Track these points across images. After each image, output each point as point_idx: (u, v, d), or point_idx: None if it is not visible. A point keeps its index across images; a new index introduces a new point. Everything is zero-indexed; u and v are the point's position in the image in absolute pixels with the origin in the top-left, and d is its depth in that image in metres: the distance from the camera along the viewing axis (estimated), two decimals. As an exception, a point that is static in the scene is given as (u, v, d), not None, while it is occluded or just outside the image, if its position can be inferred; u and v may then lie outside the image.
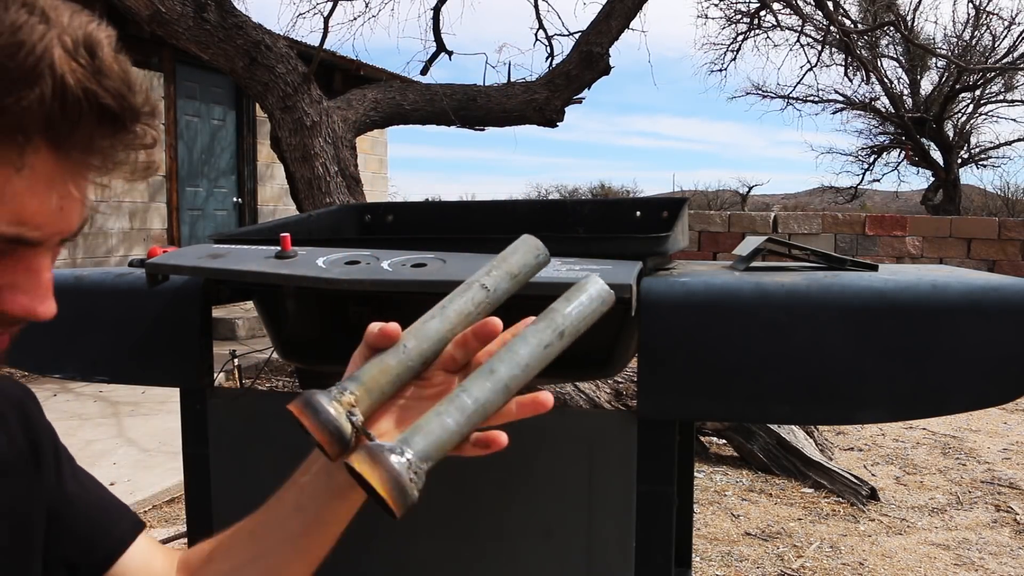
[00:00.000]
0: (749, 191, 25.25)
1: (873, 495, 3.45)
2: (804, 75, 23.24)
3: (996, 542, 3.05)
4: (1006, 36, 14.44)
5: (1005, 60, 14.60)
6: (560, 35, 6.41)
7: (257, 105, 4.96)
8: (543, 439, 1.06)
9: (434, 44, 6.11)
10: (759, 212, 8.85)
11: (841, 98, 15.92)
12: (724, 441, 3.99)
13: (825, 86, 19.17)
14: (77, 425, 4.19)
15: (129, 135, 0.51)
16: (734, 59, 12.86)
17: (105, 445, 3.85)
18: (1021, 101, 16.01)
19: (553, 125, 5.30)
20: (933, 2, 29.72)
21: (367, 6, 8.50)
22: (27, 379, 3.67)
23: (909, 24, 14.29)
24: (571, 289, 0.67)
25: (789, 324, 0.95)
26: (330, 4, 5.10)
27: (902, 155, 16.85)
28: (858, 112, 16.44)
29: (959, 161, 15.94)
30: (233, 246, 1.14)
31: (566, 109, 5.26)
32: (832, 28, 8.08)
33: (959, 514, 3.33)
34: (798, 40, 11.62)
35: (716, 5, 14.36)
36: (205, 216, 8.24)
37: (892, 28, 12.42)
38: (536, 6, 6.33)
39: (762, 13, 10.58)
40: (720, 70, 12.86)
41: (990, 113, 16.59)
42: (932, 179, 15.89)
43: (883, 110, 15.85)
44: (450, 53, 6.14)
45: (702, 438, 3.98)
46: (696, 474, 3.47)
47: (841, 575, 2.77)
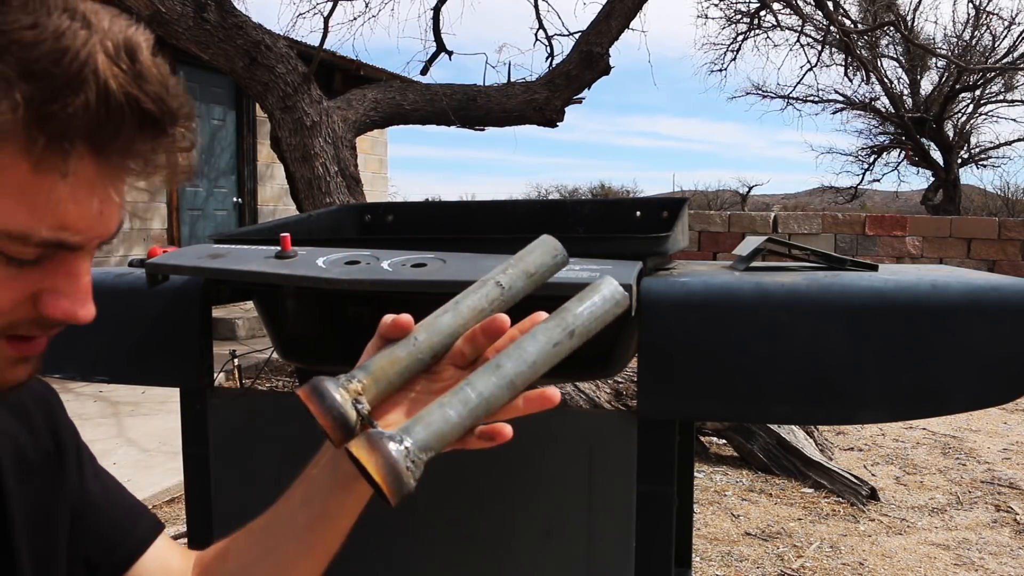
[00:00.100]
0: (749, 191, 25.27)
1: (873, 495, 3.45)
2: (804, 75, 23.29)
3: (996, 542, 3.05)
4: (1006, 36, 14.47)
5: (1005, 60, 14.61)
6: (560, 35, 6.44)
7: (257, 105, 4.97)
8: (543, 439, 1.06)
9: (434, 44, 6.13)
10: (759, 212, 8.85)
11: (841, 98, 15.94)
12: (724, 441, 3.99)
13: (825, 86, 19.23)
14: (77, 425, 4.16)
15: (168, 138, 0.51)
16: (734, 59, 12.90)
17: (105, 445, 3.85)
18: (1021, 101, 16.03)
19: (553, 125, 5.30)
20: (933, 2, 29.77)
21: (367, 6, 8.52)
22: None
23: (909, 24, 14.30)
24: (585, 289, 0.67)
25: (789, 324, 0.95)
26: (330, 4, 5.11)
27: (902, 155, 16.85)
28: (858, 112, 16.45)
29: (959, 161, 15.95)
30: (233, 246, 1.14)
31: (566, 109, 5.27)
32: (832, 28, 8.08)
33: (959, 514, 3.33)
34: (798, 40, 11.65)
35: (716, 5, 14.40)
36: (205, 216, 8.24)
37: (892, 28, 12.43)
38: (536, 6, 6.35)
39: (762, 13, 10.60)
40: (720, 70, 12.90)
41: (990, 113, 16.64)
42: (932, 179, 15.90)
43: (883, 110, 15.86)
44: (450, 53, 6.15)
45: (702, 438, 3.98)
46: (696, 474, 3.47)
47: (841, 575, 2.77)
